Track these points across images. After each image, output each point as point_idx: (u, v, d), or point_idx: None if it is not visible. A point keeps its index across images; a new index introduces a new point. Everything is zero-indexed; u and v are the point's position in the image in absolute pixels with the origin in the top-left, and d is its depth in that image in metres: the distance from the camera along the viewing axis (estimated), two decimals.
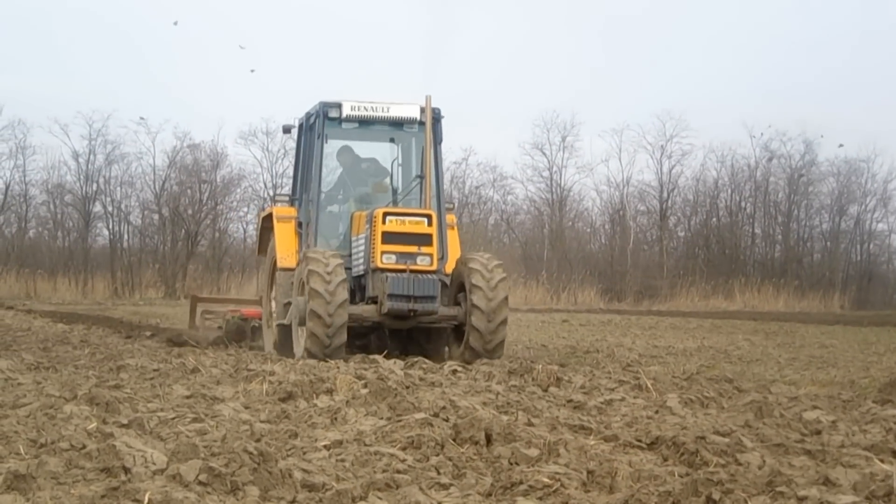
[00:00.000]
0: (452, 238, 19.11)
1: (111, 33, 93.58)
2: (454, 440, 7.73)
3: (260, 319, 21.09)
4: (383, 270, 17.67)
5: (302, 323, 17.38)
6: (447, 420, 8.52)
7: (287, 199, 20.00)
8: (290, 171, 21.92)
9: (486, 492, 6.42)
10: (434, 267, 17.93)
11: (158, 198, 62.81)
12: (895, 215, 62.73)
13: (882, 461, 7.36)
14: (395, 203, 19.31)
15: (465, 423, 7.95)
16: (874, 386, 13.77)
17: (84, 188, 62.38)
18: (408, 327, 18.45)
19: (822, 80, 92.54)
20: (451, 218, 19.38)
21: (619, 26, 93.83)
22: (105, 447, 6.82)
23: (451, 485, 6.53)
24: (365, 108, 19.22)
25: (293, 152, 20.94)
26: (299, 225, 19.23)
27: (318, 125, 19.02)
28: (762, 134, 62.48)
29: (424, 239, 17.98)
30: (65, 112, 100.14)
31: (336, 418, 9.09)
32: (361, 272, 18.24)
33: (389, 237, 17.79)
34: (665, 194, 63.23)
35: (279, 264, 19.04)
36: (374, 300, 17.86)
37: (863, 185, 62.89)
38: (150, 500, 5.68)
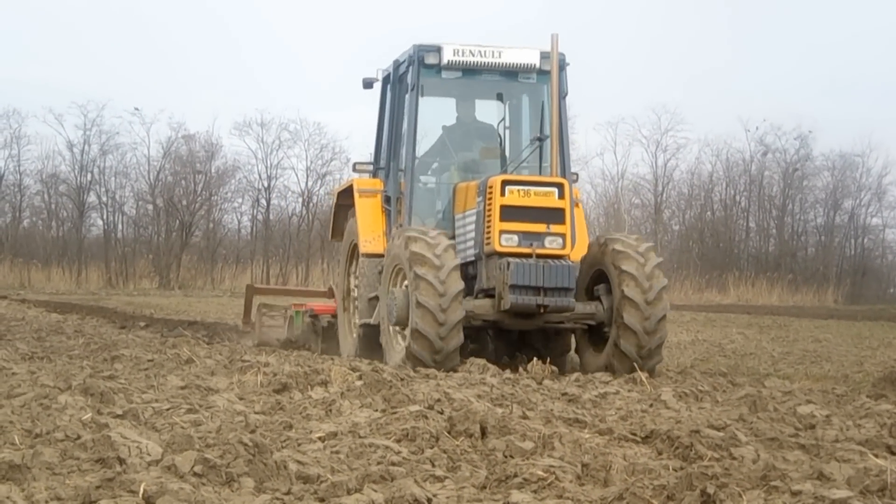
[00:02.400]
0: (578, 218, 15.59)
1: (106, 23, 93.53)
2: (449, 433, 7.74)
3: (334, 316, 18.23)
4: (503, 255, 14.46)
5: (400, 322, 14.48)
6: (442, 412, 8.53)
7: (370, 168, 16.80)
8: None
9: (481, 484, 6.42)
10: (567, 250, 14.66)
11: (153, 188, 62.81)
12: (889, 210, 62.83)
13: (876, 456, 7.37)
14: (502, 171, 15.77)
15: (459, 416, 7.96)
16: (868, 380, 13.79)
17: (78, 178, 62.38)
18: (532, 328, 15.19)
19: (818, 74, 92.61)
20: (575, 193, 15.64)
21: (614, 19, 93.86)
22: (100, 438, 6.82)
23: (446, 477, 6.54)
24: (471, 52, 15.82)
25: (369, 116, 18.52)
26: (386, 200, 16.15)
27: (411, 74, 15.82)
28: (757, 128, 62.63)
29: (555, 215, 14.66)
30: (59, 102, 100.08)
31: (331, 410, 9.10)
32: (471, 258, 15.05)
33: (511, 212, 14.55)
34: (660, 188, 63.36)
35: (362, 249, 15.96)
36: (487, 293, 14.76)
37: (857, 179, 63.04)
38: (145, 491, 5.68)
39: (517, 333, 15.58)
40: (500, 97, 16.37)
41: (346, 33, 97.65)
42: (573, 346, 15.87)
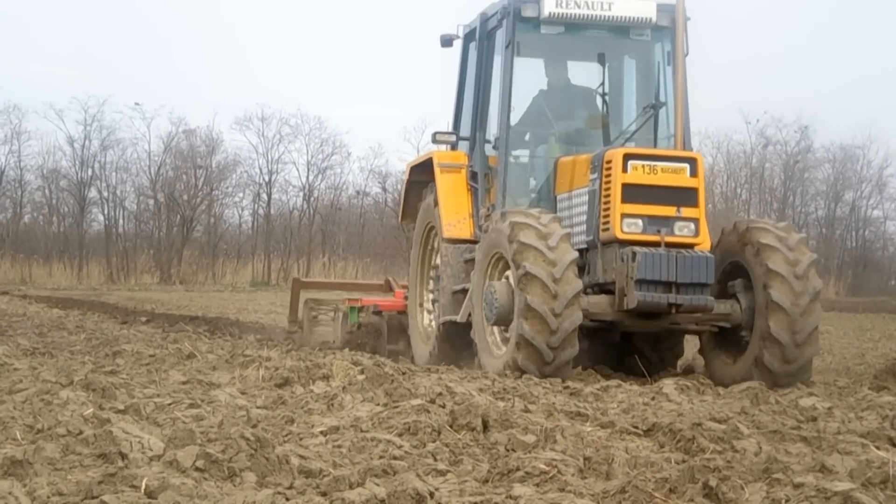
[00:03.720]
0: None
1: (106, 19, 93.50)
2: (451, 426, 7.74)
3: (401, 313, 16.11)
4: (625, 243, 12.43)
5: (501, 322, 12.59)
6: (444, 406, 8.53)
7: (452, 139, 14.51)
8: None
9: (483, 478, 6.42)
10: (700, 238, 12.70)
11: (154, 183, 62.85)
12: (890, 202, 62.78)
13: (878, 448, 7.37)
14: (606, 144, 13.63)
15: (461, 410, 7.96)
16: (870, 373, 13.79)
17: (79, 173, 62.44)
18: (655, 329, 13.23)
19: (819, 66, 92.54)
20: None
21: None
22: (102, 433, 6.82)
23: (448, 471, 6.54)
24: (576, 2, 13.51)
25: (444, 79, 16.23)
26: (472, 176, 14.10)
27: (504, 29, 13.62)
28: (758, 120, 62.48)
29: (687, 195, 12.68)
30: (60, 97, 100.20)
31: (332, 404, 9.10)
32: (581, 245, 12.86)
33: (635, 192, 12.51)
34: None
35: (445, 233, 13.93)
36: (603, 288, 12.71)
37: (858, 171, 62.92)
38: (147, 486, 5.68)
39: (619, 333, 13.53)
40: (600, 58, 13.93)
41: (347, 28, 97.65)
42: (684, 348, 14.20)
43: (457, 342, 13.72)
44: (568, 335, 12.00)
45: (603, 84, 14.00)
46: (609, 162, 12.64)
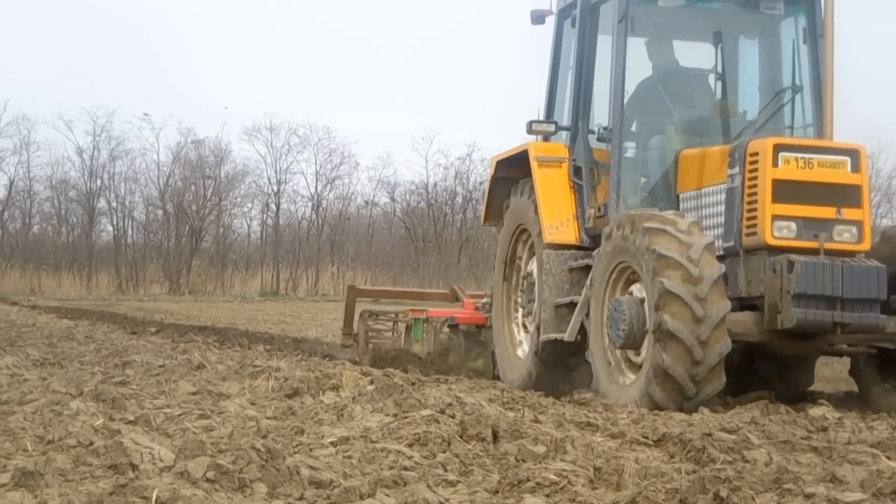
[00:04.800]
0: None
1: (115, 29, 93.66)
2: (461, 437, 7.73)
3: (479, 327, 14.80)
4: (776, 250, 10.74)
5: (630, 345, 10.80)
6: (453, 417, 8.52)
7: (551, 129, 12.74)
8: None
9: (494, 489, 6.42)
10: (864, 245, 10.95)
11: (162, 193, 62.98)
12: None
13: (889, 458, 7.36)
14: (727, 135, 12.10)
15: (471, 420, 7.95)
16: None
17: (88, 184, 62.59)
18: (808, 353, 11.78)
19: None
20: None
21: None
22: (112, 444, 6.83)
23: (459, 482, 6.53)
24: None
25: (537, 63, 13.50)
26: (575, 172, 12.44)
27: (615, 2, 12.01)
28: None
29: (849, 194, 10.96)
30: (69, 108, 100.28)
31: (342, 415, 9.09)
32: (719, 252, 10.97)
33: (788, 190, 10.83)
34: None
35: (547, 237, 12.24)
36: (747, 304, 10.92)
37: (868, 180, 62.79)
38: (157, 497, 5.68)
39: (738, 356, 11.38)
40: (717, 36, 12.41)
41: (355, 38, 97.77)
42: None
43: (561, 362, 12.21)
44: (714, 367, 10.18)
45: (721, 66, 12.40)
46: (755, 154, 10.94)
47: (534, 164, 12.54)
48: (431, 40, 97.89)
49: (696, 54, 12.79)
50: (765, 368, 11.97)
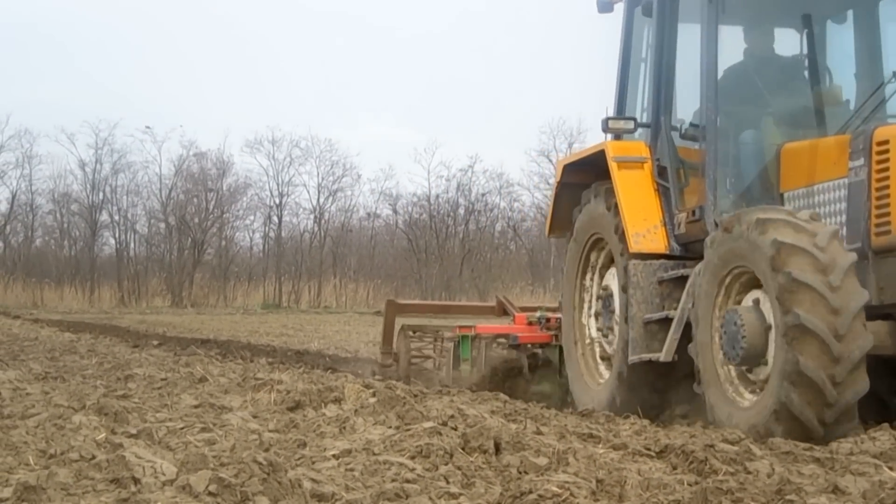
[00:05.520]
0: None
1: (116, 43, 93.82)
2: (463, 449, 7.73)
3: (543, 346, 13.68)
4: None
5: (749, 360, 9.57)
6: (456, 429, 8.52)
7: (630, 126, 11.77)
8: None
9: (496, 501, 6.42)
10: None
11: (165, 206, 63.07)
12: None
13: (891, 469, 7.35)
14: (831, 126, 11.02)
15: (473, 432, 7.95)
16: None
17: (90, 197, 62.68)
18: None
19: None
20: None
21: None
22: (114, 458, 6.82)
23: (461, 494, 6.53)
24: None
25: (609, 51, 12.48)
26: (660, 173, 11.43)
27: None
28: None
29: None
30: (71, 121, 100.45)
31: (344, 427, 9.09)
32: None
33: None
34: None
35: (633, 246, 11.20)
36: (879, 313, 9.70)
37: None
38: None
39: None
40: (808, 20, 11.51)
41: (356, 51, 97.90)
42: None
43: (647, 386, 11.12)
44: (856, 365, 8.98)
45: (815, 52, 11.50)
46: (884, 143, 9.79)
47: (613, 166, 11.41)
48: (433, 52, 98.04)
49: (784, 40, 11.77)
50: (877, 383, 9.77)
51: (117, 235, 63.56)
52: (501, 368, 13.67)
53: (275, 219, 64.15)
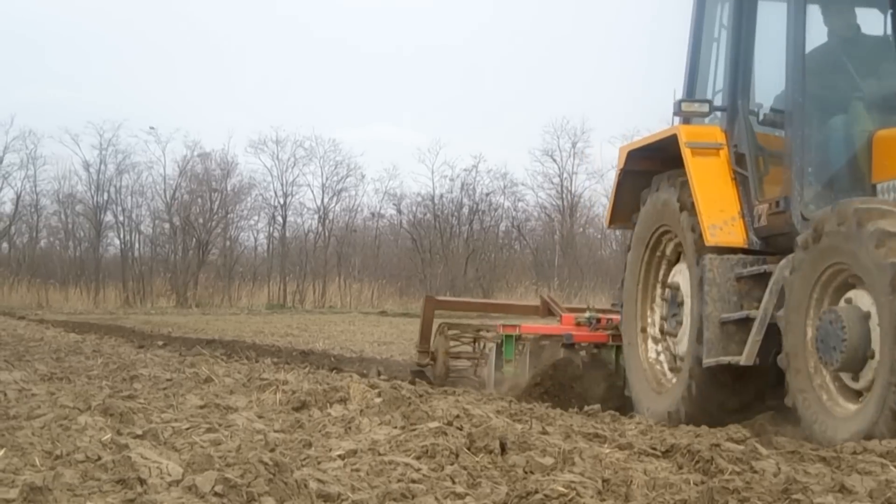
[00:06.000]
0: None
1: (120, 43, 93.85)
2: (468, 449, 7.73)
3: (598, 347, 12.97)
4: None
5: (849, 366, 8.96)
6: (461, 429, 8.52)
7: (705, 108, 11.02)
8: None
9: (502, 501, 6.42)
10: None
11: (169, 207, 63.04)
12: None
13: None
14: None
15: (479, 432, 7.95)
16: None
17: (95, 198, 62.65)
18: None
19: None
20: None
21: (628, 31, 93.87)
22: (120, 458, 6.83)
23: (467, 494, 6.53)
24: None
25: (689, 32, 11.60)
26: (738, 160, 10.63)
27: None
28: None
29: None
30: (75, 122, 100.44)
31: (350, 427, 9.09)
32: None
33: None
34: None
35: (710, 239, 10.38)
36: None
37: None
38: None
39: None
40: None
41: (360, 50, 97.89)
42: None
43: (721, 392, 10.36)
44: None
45: None
46: None
47: (686, 152, 10.62)
48: (437, 52, 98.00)
49: (867, 19, 10.98)
50: None
51: (122, 236, 63.59)
52: (552, 371, 12.66)
53: (279, 219, 64.17)
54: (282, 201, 63.59)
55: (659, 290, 11.57)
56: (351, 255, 64.48)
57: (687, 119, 11.21)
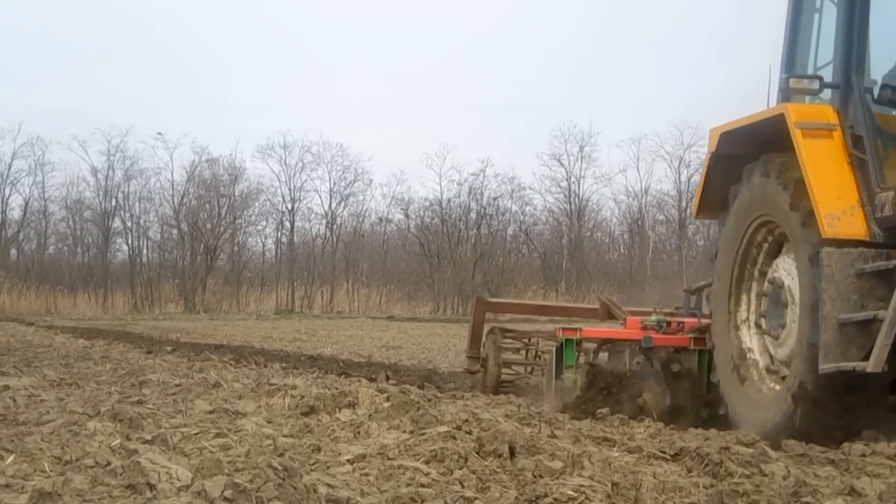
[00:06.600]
0: None
1: (128, 50, 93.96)
2: (478, 453, 7.72)
3: (679, 351, 11.77)
4: None
5: None
6: (470, 433, 8.51)
7: (815, 85, 9.91)
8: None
9: None
10: None
11: (177, 213, 63.11)
12: None
13: None
14: None
15: (488, 436, 7.94)
16: None
17: (103, 204, 62.78)
18: None
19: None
20: None
21: (636, 36, 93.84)
22: (129, 464, 6.83)
23: (476, 498, 6.52)
24: None
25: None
26: (855, 143, 9.53)
27: None
28: None
29: None
30: (83, 128, 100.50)
31: (359, 432, 9.09)
32: None
33: None
34: (683, 203, 63.18)
35: (826, 230, 9.24)
36: None
37: None
38: None
39: None
40: None
41: (366, 55, 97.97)
42: None
43: (836, 401, 9.23)
44: None
45: None
46: None
47: (796, 133, 9.51)
48: (444, 57, 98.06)
49: None
50: None
51: (130, 242, 63.74)
52: (625, 379, 11.63)
53: (287, 224, 64.27)
54: (289, 206, 63.72)
55: (756, 287, 10.47)
56: (359, 259, 64.54)
57: (786, 97, 10.24)
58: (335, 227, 64.40)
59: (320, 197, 64.44)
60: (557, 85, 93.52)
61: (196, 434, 8.89)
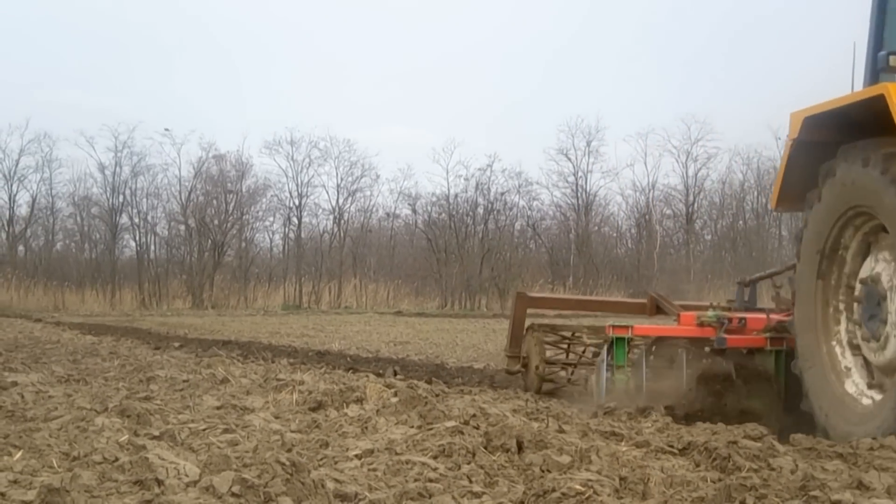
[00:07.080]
0: None
1: (136, 46, 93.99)
2: (485, 448, 7.72)
3: (753, 350, 11.22)
4: None
5: None
6: (478, 428, 8.51)
7: None
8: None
9: (519, 500, 6.41)
10: None
11: (184, 209, 63.11)
12: None
13: None
14: None
15: (495, 431, 7.94)
16: None
17: (110, 200, 62.79)
18: None
19: (847, 80, 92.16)
20: None
21: (642, 31, 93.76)
22: (138, 459, 6.84)
23: (484, 493, 6.52)
24: None
25: None
26: None
27: None
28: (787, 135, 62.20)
29: None
30: (90, 124, 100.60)
31: (367, 427, 9.09)
32: None
33: None
34: (691, 198, 63.22)
35: None
36: None
37: None
38: None
39: None
40: None
41: (374, 50, 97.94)
42: None
43: None
44: None
45: None
46: None
47: None
48: (451, 52, 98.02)
49: None
50: None
51: (137, 238, 63.73)
52: (697, 382, 11.03)
53: (294, 220, 64.28)
54: (297, 202, 63.73)
55: (846, 284, 9.57)
56: (366, 255, 64.56)
57: (875, 77, 9.49)
58: (342, 222, 64.44)
59: (328, 192, 64.54)
60: (565, 79, 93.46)
61: (204, 430, 8.90)
